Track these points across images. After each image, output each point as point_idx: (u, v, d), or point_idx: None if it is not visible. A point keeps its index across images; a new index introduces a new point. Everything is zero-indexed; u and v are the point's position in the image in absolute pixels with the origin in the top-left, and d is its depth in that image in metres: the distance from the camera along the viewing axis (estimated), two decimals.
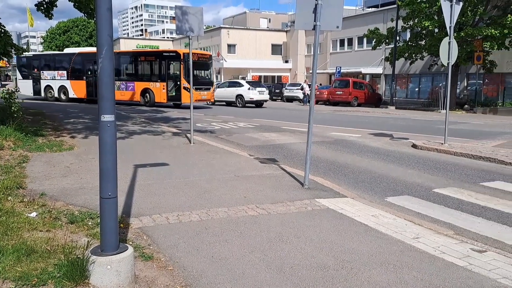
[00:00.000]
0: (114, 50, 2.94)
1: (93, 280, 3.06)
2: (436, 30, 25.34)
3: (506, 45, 23.44)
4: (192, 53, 15.04)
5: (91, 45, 58.57)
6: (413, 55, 27.57)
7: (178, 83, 23.37)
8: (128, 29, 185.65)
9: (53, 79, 28.70)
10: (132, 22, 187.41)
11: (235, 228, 4.50)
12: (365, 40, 36.58)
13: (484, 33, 22.79)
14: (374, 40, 29.62)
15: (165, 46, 62.08)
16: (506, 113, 24.51)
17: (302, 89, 33.49)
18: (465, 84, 30.46)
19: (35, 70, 29.52)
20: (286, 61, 52.94)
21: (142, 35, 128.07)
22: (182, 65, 22.91)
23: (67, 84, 28.04)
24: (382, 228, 4.58)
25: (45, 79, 29.03)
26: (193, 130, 10.43)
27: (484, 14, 23.77)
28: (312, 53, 13.35)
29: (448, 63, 10.41)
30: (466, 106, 27.07)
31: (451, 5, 10.01)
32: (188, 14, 9.36)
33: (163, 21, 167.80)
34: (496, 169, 8.06)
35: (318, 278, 3.40)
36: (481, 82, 29.02)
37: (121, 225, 4.41)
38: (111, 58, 3.01)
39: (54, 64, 29.12)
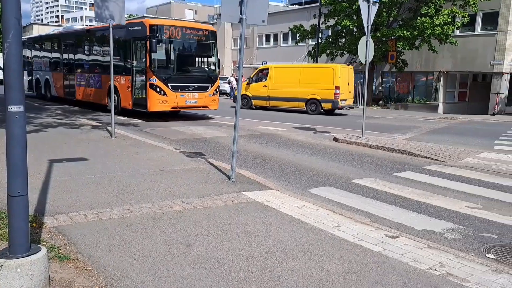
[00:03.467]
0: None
1: (1, 286, 2.80)
2: (355, 29, 26.70)
3: (416, 46, 25.36)
4: (172, 26, 13.34)
5: None
6: (334, 52, 28.80)
7: (143, 77, 13.63)
8: (42, 15, 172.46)
9: None
10: (47, 8, 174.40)
11: (159, 224, 4.38)
12: (290, 36, 37.52)
13: (397, 34, 24.44)
14: (298, 35, 30.47)
15: None
16: (415, 109, 26.62)
17: (229, 82, 33.52)
18: (380, 82, 32.51)
19: None
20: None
21: (58, 21, 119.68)
22: (148, 47, 12.99)
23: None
24: (306, 218, 4.73)
25: None
26: (114, 123, 9.96)
27: (397, 16, 25.49)
28: (238, 47, 13.63)
29: (365, 61, 11.01)
30: (381, 102, 28.92)
31: (368, 6, 10.58)
32: (108, 1, 8.90)
33: (81, 8, 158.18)
34: (407, 161, 8.71)
35: (244, 270, 3.42)
36: (394, 80, 31.15)
37: (34, 224, 4.10)
38: (19, 43, 2.76)
39: None
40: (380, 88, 32.36)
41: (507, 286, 3.32)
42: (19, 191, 2.86)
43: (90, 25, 21.03)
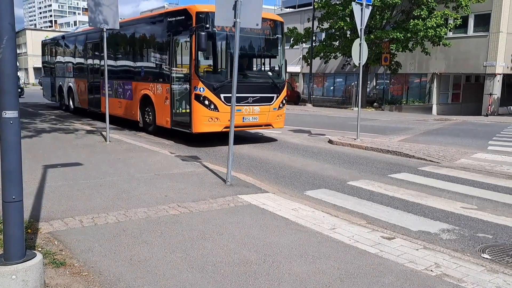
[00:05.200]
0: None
1: None
2: (349, 32, 26.82)
3: (409, 48, 25.52)
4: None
5: None
6: (328, 55, 28.91)
7: (186, 86, 9.98)
8: (35, 20, 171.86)
9: None
10: (40, 13, 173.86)
11: (155, 228, 4.36)
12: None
13: (391, 36, 24.58)
14: (292, 39, 30.56)
15: None
16: (409, 110, 26.75)
17: None
18: (374, 84, 32.66)
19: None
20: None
21: (52, 26, 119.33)
22: (193, 44, 9.36)
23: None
24: (302, 221, 4.74)
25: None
26: (109, 127, 9.93)
27: (391, 18, 25.65)
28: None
29: (359, 63, 11.06)
30: (375, 104, 29.04)
31: (362, 9, 10.64)
32: (102, 5, 8.90)
33: (74, 13, 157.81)
34: (402, 162, 8.74)
35: (240, 274, 3.42)
36: (388, 81, 31.30)
37: (29, 230, 4.08)
38: (13, 48, 2.76)
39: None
40: (374, 90, 32.50)
41: (503, 286, 3.34)
42: (13, 197, 2.85)
43: (142, 13, 16.49)
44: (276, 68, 10.94)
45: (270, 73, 10.90)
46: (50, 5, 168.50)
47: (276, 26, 10.61)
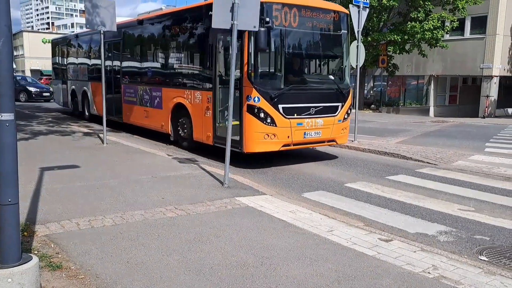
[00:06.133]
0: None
1: None
2: None
3: (406, 50, 25.59)
4: (287, 5, 7.56)
5: None
6: None
7: (236, 94, 7.71)
8: (32, 22, 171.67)
9: None
10: (37, 15, 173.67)
11: (152, 231, 4.35)
12: None
13: (388, 38, 24.64)
14: None
15: None
16: (406, 112, 26.79)
17: None
18: (372, 86, 32.72)
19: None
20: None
21: (49, 28, 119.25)
22: (246, 43, 7.51)
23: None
24: (299, 223, 4.73)
25: None
26: (106, 129, 9.91)
27: (388, 20, 25.72)
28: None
29: (356, 66, 11.08)
30: (373, 106, 29.08)
31: (359, 11, 10.67)
32: (99, 7, 8.90)
33: (72, 15, 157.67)
34: (399, 164, 8.75)
35: (238, 276, 3.41)
36: (385, 83, 31.35)
37: (25, 233, 4.06)
38: (10, 51, 2.75)
39: None
40: (371, 92, 32.56)
41: None
42: (9, 200, 2.83)
43: (139, 15, 14.75)
44: (340, 71, 9.01)
45: (331, 77, 8.98)
46: (47, 7, 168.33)
47: (341, 19, 8.63)
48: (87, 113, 15.35)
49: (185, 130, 9.49)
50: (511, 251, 4.35)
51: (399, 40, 24.31)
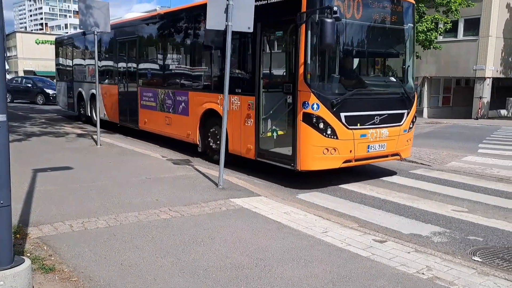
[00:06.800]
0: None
1: None
2: None
3: None
4: None
5: None
6: None
7: (286, 99, 6.75)
8: (25, 23, 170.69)
9: None
10: (31, 15, 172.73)
11: (146, 233, 4.33)
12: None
13: None
14: None
15: None
16: None
17: None
18: None
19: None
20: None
21: (42, 29, 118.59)
22: (303, 38, 6.17)
23: None
24: (294, 224, 4.73)
25: None
26: (99, 131, 9.86)
27: None
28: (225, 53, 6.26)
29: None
30: None
31: None
32: (92, 8, 8.86)
33: (65, 15, 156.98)
34: (393, 165, 8.77)
35: (232, 278, 3.40)
36: None
37: (18, 235, 4.02)
38: (2, 52, 2.73)
39: None
40: None
41: None
42: (1, 202, 2.81)
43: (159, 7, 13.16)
44: (405, 72, 7.50)
45: (393, 79, 7.74)
46: (40, 8, 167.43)
47: (407, 11, 7.27)
48: (95, 118, 12.97)
49: (218, 141, 7.99)
50: (504, 251, 4.38)
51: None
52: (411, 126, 7.45)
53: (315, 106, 6.24)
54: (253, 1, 6.08)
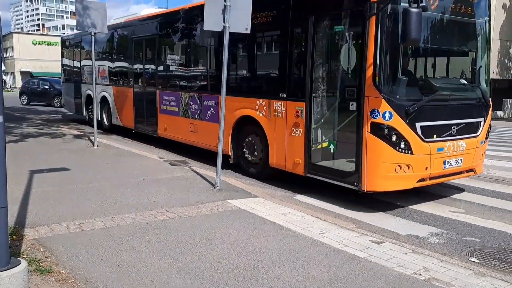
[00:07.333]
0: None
1: None
2: None
3: None
4: None
5: None
6: None
7: (351, 107, 5.59)
8: (22, 24, 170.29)
9: None
10: (27, 16, 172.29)
11: (143, 234, 4.31)
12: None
13: None
14: None
15: None
16: None
17: None
18: None
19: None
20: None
21: (39, 30, 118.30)
22: (372, 30, 5.18)
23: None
24: (291, 225, 4.73)
25: None
26: (96, 132, 9.83)
27: None
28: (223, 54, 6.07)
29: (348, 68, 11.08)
30: None
31: None
32: (89, 9, 8.85)
33: (62, 16, 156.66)
34: None
35: (229, 279, 3.39)
36: None
37: (14, 237, 4.01)
38: None
39: None
40: None
41: None
42: None
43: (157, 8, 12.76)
44: (481, 73, 6.45)
45: (476, 82, 6.44)
46: (37, 9, 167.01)
47: (484, 2, 6.27)
48: (106, 123, 13.02)
49: (255, 153, 7.25)
50: (501, 252, 4.39)
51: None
52: (487, 136, 6.46)
53: (387, 114, 5.24)
54: (250, 2, 6.07)
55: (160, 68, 10.16)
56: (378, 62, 5.24)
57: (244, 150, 7.51)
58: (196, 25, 8.90)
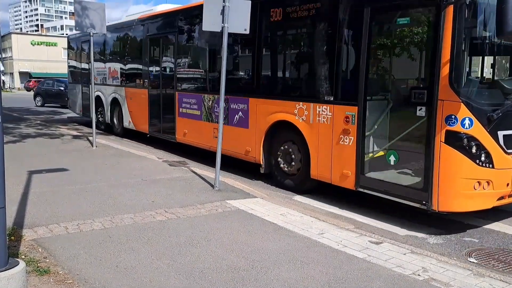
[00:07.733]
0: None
1: None
2: None
3: (395, 54, 25.82)
4: None
5: None
6: None
7: (420, 112, 4.72)
8: (21, 24, 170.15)
9: None
10: (26, 17, 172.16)
11: (142, 234, 4.31)
12: None
13: None
14: None
15: None
16: None
17: None
18: None
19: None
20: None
21: (38, 30, 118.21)
22: (449, 22, 4.35)
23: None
24: (290, 226, 4.73)
25: None
26: (95, 132, 9.82)
27: None
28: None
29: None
30: None
31: None
32: (88, 10, 8.84)
33: (61, 17, 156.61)
34: None
35: (228, 280, 3.39)
36: None
37: (12, 237, 4.00)
38: None
39: None
40: None
41: None
42: None
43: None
44: None
45: None
46: (36, 9, 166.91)
47: None
48: (117, 127, 12.32)
49: (292, 163, 6.52)
50: (500, 253, 4.40)
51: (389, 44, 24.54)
52: None
53: (466, 121, 4.48)
54: (249, 3, 6.07)
55: (180, 67, 9.36)
56: (455, 59, 4.44)
57: (279, 159, 6.71)
58: None
